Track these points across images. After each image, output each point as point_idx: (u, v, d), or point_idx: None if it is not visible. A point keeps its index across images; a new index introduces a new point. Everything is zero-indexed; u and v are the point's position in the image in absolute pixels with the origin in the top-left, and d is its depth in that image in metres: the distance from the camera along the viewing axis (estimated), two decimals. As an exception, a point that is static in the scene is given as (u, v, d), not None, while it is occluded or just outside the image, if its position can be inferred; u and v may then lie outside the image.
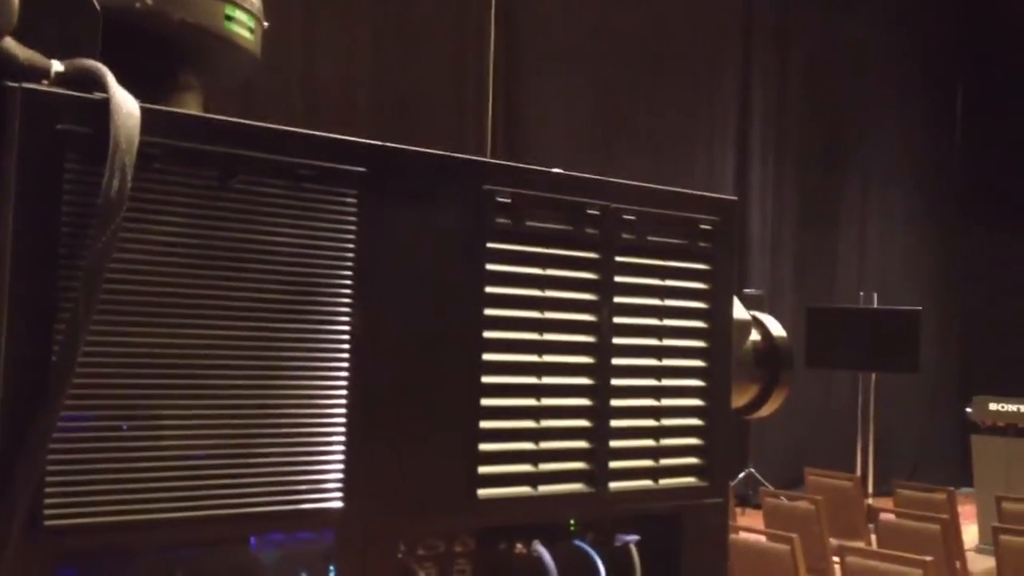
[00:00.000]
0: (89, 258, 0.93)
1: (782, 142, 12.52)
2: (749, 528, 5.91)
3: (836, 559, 5.31)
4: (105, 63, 1.01)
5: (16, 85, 0.95)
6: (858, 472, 10.65)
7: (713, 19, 11.69)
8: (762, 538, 5.41)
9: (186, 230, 1.02)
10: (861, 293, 11.97)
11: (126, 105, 0.96)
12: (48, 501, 0.96)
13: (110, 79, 0.98)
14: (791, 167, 12.59)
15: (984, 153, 13.88)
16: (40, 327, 0.95)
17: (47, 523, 0.95)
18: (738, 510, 9.51)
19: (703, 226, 1.43)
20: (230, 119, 1.06)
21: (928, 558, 4.36)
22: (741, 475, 11.00)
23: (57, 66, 1.00)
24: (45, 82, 0.99)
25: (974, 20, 13.98)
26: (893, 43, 13.33)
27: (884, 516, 6.34)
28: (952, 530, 6.08)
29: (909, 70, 13.55)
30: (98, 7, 1.07)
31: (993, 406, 9.57)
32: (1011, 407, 9.48)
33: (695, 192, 1.45)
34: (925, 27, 13.63)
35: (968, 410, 9.78)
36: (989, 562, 6.03)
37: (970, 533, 8.32)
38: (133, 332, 0.99)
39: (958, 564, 6.15)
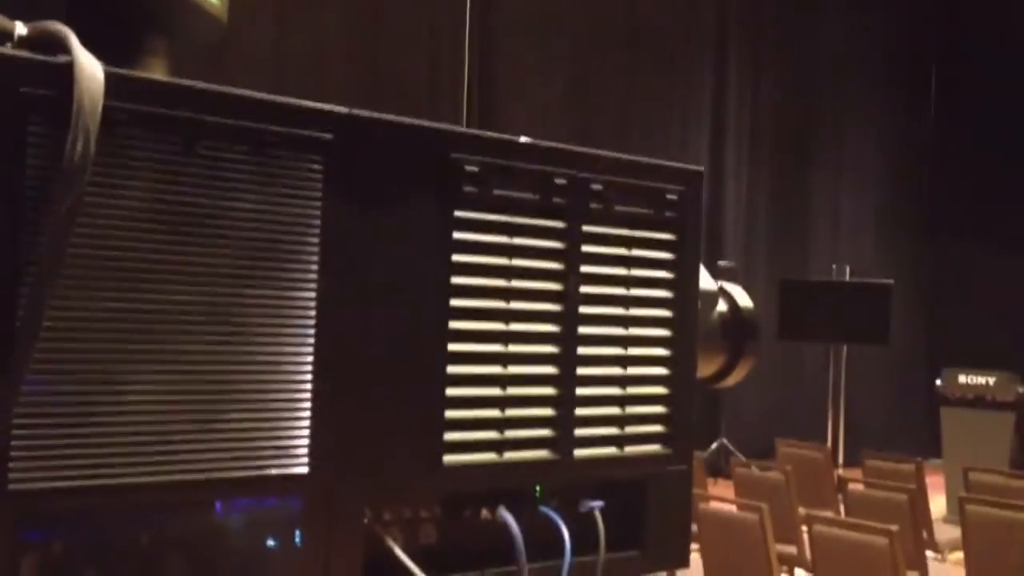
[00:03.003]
0: (52, 223, 0.93)
1: (756, 121, 12.58)
2: (719, 497, 5.97)
3: (804, 528, 5.38)
4: (70, 27, 1.00)
5: (-22, 48, 0.94)
6: (829, 443, 10.76)
7: (689, 3, 11.70)
8: (732, 507, 5.47)
9: (150, 195, 1.02)
10: (834, 266, 12.06)
11: (90, 68, 0.96)
12: (12, 465, 0.96)
13: (74, 42, 0.97)
14: (765, 145, 12.67)
15: (956, 125, 13.98)
16: (3, 293, 0.94)
17: (11, 487, 0.96)
18: (710, 480, 9.59)
19: (669, 196, 1.43)
20: (195, 83, 1.06)
21: (894, 527, 4.42)
22: (713, 446, 11.08)
23: (20, 29, 0.99)
24: (8, 45, 0.98)
25: (947, 11, 14.04)
26: (867, 31, 13.38)
27: (852, 486, 6.41)
28: (919, 500, 6.16)
29: (884, 41, 13.61)
30: (62, -30, 1.06)
31: (962, 378, 9.68)
32: (980, 379, 9.60)
33: (661, 162, 1.45)
34: (899, 16, 13.68)
35: (938, 382, 9.89)
36: (956, 532, 6.12)
37: (939, 503, 8.44)
38: (97, 297, 1.00)
39: (925, 533, 6.23)
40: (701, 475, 7.46)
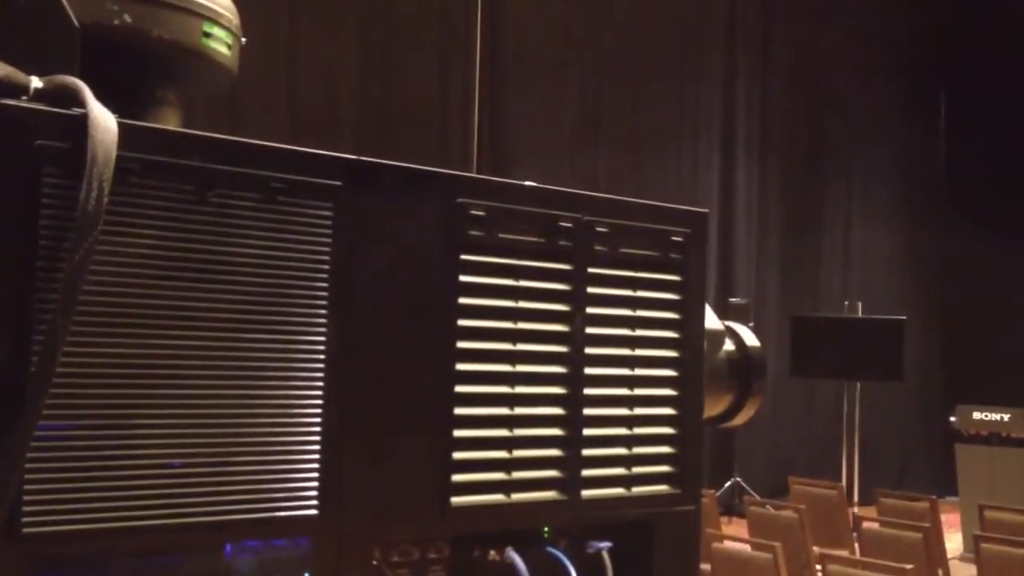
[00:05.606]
0: (67, 270, 0.95)
1: (766, 147, 12.58)
2: (733, 536, 5.93)
3: (819, 567, 5.34)
4: (84, 79, 1.03)
5: (-4, 101, 0.97)
6: (843, 481, 10.68)
7: (697, 24, 11.75)
8: (746, 547, 5.43)
9: (163, 243, 1.04)
10: (846, 302, 12.04)
11: (104, 120, 0.98)
12: (26, 509, 0.97)
13: (88, 95, 1.00)
14: (775, 172, 12.65)
15: (968, 157, 13.94)
16: (19, 337, 0.97)
17: (25, 531, 0.97)
18: (723, 519, 9.52)
19: (674, 238, 1.45)
20: (206, 134, 1.08)
21: (909, 566, 4.39)
22: (727, 484, 11.02)
23: (36, 82, 1.02)
24: (25, 98, 1.01)
25: (957, 23, 14.06)
26: (876, 46, 13.41)
27: (867, 525, 6.37)
28: (934, 538, 6.11)
29: (892, 73, 13.63)
30: (77, 24, 1.09)
31: (977, 415, 9.60)
32: (995, 416, 9.52)
33: (666, 204, 1.47)
34: (909, 29, 13.71)
35: (952, 419, 9.81)
36: (972, 570, 6.06)
37: (955, 541, 8.36)
38: (111, 343, 1.02)
39: (940, 572, 6.18)
40: (714, 514, 7.42)
